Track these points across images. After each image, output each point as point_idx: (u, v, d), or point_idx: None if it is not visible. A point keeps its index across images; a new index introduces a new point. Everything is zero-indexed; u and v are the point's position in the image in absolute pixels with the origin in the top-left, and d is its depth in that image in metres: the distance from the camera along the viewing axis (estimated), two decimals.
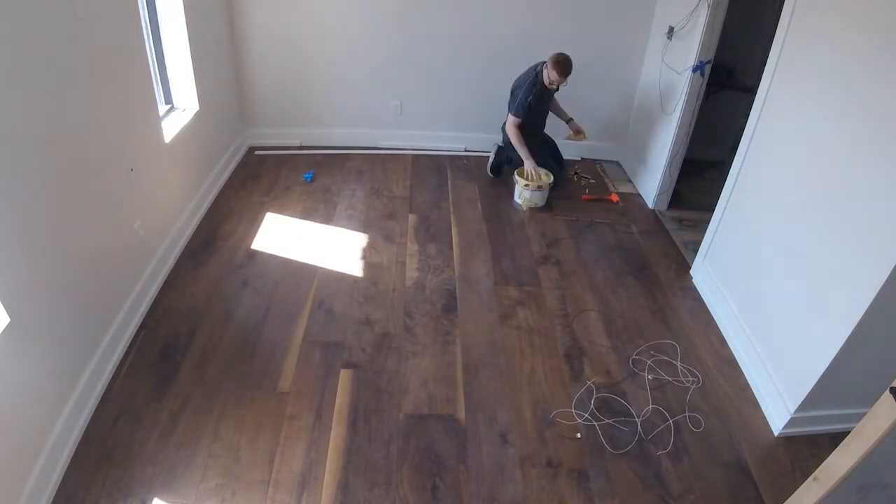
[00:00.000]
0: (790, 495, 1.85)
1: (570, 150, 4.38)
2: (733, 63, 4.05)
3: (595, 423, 2.29)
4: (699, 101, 3.47)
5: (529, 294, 2.99)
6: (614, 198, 4.00)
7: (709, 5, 3.16)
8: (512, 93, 3.78)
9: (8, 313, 1.71)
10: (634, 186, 4.18)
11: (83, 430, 2.09)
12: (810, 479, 1.63)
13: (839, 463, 1.51)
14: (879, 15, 1.94)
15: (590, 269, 3.22)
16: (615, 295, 3.03)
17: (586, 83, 4.23)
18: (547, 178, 3.75)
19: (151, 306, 2.69)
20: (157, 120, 2.89)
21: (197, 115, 3.32)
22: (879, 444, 1.38)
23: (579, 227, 3.61)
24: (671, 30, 3.58)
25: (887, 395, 1.36)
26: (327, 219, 3.50)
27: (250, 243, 3.21)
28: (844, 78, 2.10)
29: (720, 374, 2.57)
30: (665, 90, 3.70)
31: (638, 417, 2.33)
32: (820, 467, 1.60)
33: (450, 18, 3.98)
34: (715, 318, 2.90)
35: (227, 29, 3.87)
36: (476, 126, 4.43)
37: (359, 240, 3.32)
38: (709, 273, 3.05)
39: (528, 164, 3.71)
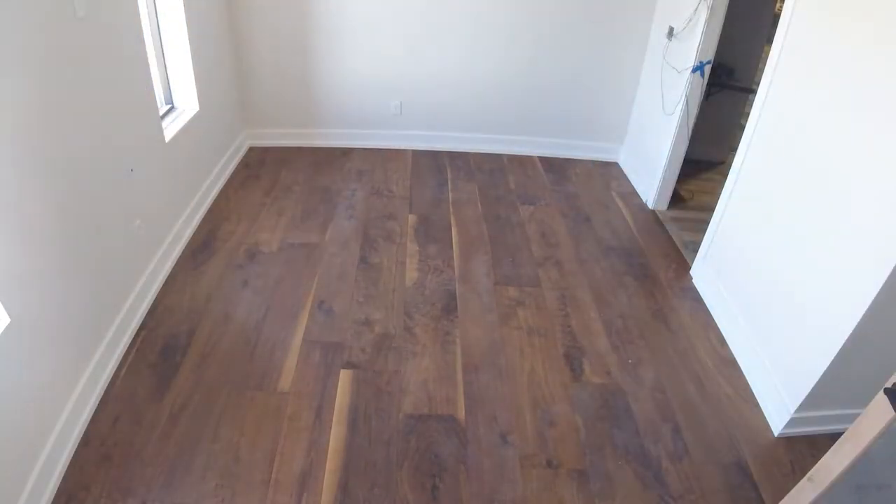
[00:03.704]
0: None
1: (571, 149, 4.37)
2: (733, 63, 4.05)
3: (595, 423, 2.29)
4: (699, 101, 3.48)
5: (529, 294, 2.99)
6: None
7: (709, 7, 3.16)
8: None
9: (8, 314, 1.71)
10: (634, 186, 4.18)
11: (83, 430, 2.09)
12: (805, 479, 1.63)
13: (833, 463, 1.51)
14: (878, 14, 1.94)
15: (590, 269, 3.22)
16: (615, 295, 3.03)
17: (586, 83, 4.24)
18: None
19: (151, 306, 2.69)
20: (157, 120, 2.89)
21: (197, 115, 3.32)
22: (874, 444, 1.38)
23: (579, 227, 3.61)
24: (671, 30, 3.58)
25: (881, 395, 1.36)
26: (327, 219, 3.50)
27: (250, 243, 3.21)
28: (844, 77, 2.10)
29: (720, 374, 2.57)
30: (665, 90, 3.70)
31: (638, 418, 2.33)
32: (814, 468, 1.60)
33: (449, 18, 3.98)
34: (715, 318, 2.90)
35: (227, 29, 3.87)
36: (477, 125, 4.44)
37: (358, 239, 3.32)
38: (709, 273, 3.05)
39: None
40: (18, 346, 1.76)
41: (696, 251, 3.23)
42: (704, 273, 3.09)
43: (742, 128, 2.80)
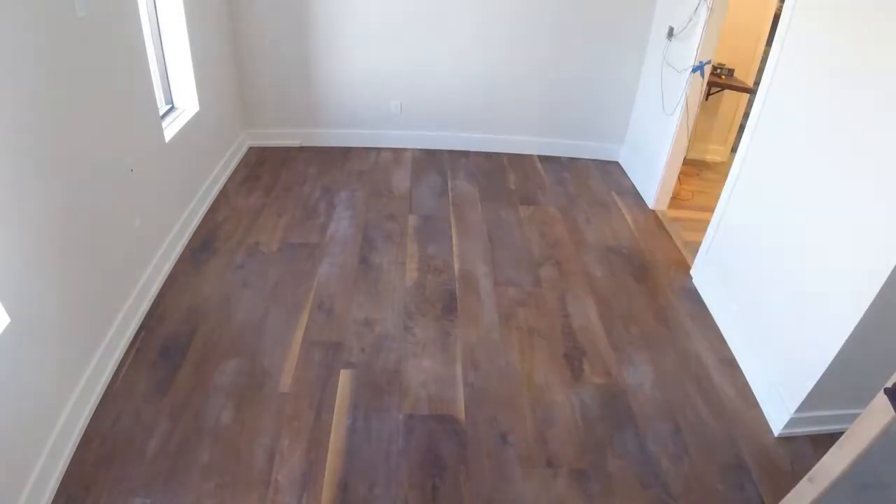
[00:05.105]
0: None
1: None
2: (733, 63, 4.05)
3: (595, 423, 2.29)
4: (699, 101, 3.48)
5: (529, 294, 2.99)
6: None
7: (709, 7, 3.16)
8: None
9: (8, 314, 1.71)
10: (634, 186, 4.18)
11: (83, 430, 2.09)
12: (805, 479, 1.63)
13: (833, 463, 1.51)
14: (877, 13, 1.94)
15: (590, 270, 3.22)
16: (615, 295, 3.03)
17: (587, 83, 4.25)
18: None
19: (151, 306, 2.69)
20: (157, 120, 2.89)
21: (197, 115, 3.32)
22: (876, 444, 1.38)
23: (579, 227, 3.61)
24: (671, 30, 3.58)
25: (881, 395, 1.36)
26: (327, 219, 3.50)
27: (250, 243, 3.21)
28: (844, 77, 2.10)
29: (720, 375, 2.57)
30: (665, 90, 3.70)
31: (638, 418, 2.33)
32: (814, 468, 1.60)
33: (449, 18, 3.98)
34: (715, 318, 2.90)
35: (228, 29, 3.87)
36: (477, 125, 4.44)
37: (358, 239, 3.32)
38: (709, 273, 3.05)
39: None
40: (19, 345, 1.76)
41: (696, 251, 3.23)
42: (704, 273, 3.09)
43: (742, 128, 2.80)
